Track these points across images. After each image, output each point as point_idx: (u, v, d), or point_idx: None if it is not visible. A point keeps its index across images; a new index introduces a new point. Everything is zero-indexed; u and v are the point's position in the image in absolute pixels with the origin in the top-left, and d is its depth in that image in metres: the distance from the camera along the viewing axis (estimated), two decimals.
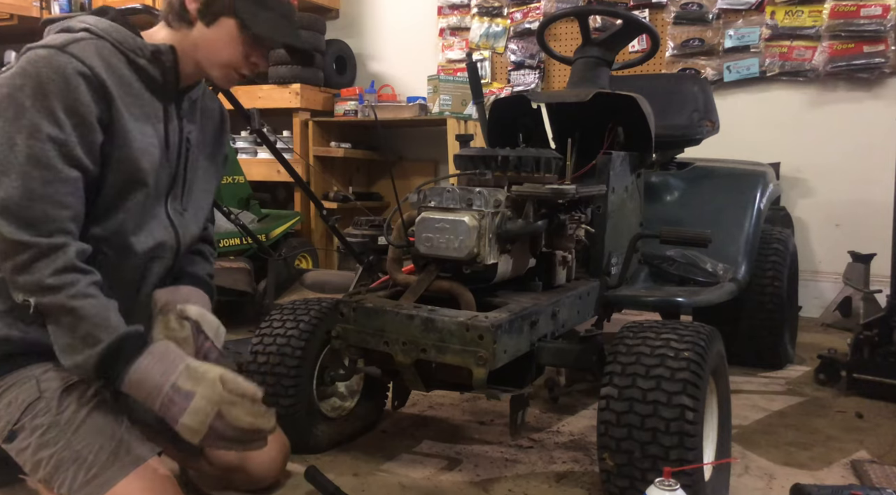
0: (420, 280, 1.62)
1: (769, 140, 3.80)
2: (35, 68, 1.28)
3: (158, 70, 1.44)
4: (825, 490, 1.59)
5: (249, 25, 1.44)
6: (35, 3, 5.38)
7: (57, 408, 1.34)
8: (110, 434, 1.35)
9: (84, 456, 1.31)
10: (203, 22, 1.45)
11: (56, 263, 1.26)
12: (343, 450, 1.93)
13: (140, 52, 1.41)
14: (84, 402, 1.36)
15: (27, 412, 1.34)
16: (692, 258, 2.24)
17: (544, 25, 2.45)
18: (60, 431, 1.33)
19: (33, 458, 1.33)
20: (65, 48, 1.30)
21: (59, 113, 1.27)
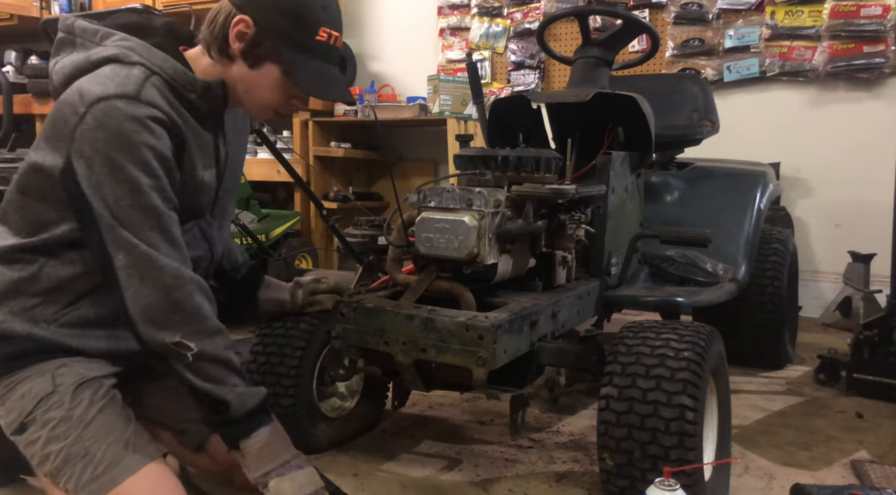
0: (420, 280, 1.62)
1: (769, 140, 3.80)
2: (117, 122, 1.28)
3: (207, 105, 1.43)
4: (825, 490, 1.59)
5: (293, 75, 1.42)
6: (35, 3, 5.39)
7: (70, 403, 1.35)
8: (120, 432, 1.37)
9: (93, 452, 1.33)
10: (246, 63, 1.43)
11: (211, 304, 1.36)
12: (343, 450, 1.93)
13: (191, 88, 1.40)
14: (97, 399, 1.38)
15: (40, 405, 1.35)
16: (692, 258, 2.24)
17: (544, 25, 2.45)
18: (71, 426, 1.34)
19: (42, 451, 1.34)
20: (139, 97, 1.31)
21: (151, 162, 1.30)
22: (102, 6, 5.18)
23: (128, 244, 1.29)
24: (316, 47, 1.42)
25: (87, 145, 1.28)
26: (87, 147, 1.28)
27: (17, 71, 5.38)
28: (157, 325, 1.31)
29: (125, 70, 1.34)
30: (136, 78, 1.33)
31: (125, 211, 1.29)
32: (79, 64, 1.37)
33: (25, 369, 1.38)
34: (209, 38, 1.44)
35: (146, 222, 1.30)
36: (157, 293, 1.30)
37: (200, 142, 1.44)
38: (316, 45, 1.42)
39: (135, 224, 1.29)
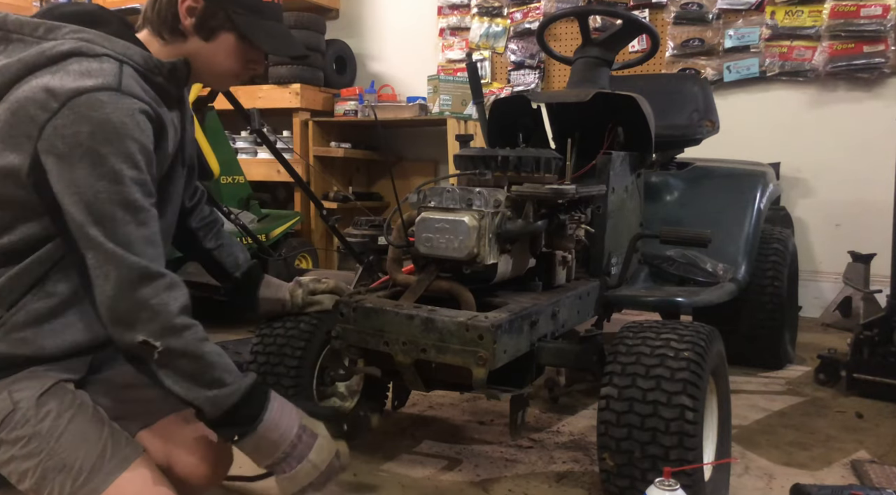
0: (420, 280, 1.62)
1: (769, 140, 3.80)
2: (103, 114, 1.24)
3: (174, 85, 1.42)
4: (825, 490, 1.59)
5: (250, 38, 1.42)
6: (35, 4, 5.39)
7: (35, 418, 1.30)
8: (95, 438, 1.32)
9: (70, 463, 1.29)
10: (200, 36, 1.42)
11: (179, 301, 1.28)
12: None
13: (158, 71, 1.38)
14: (64, 409, 1.33)
15: (3, 425, 1.30)
16: (692, 258, 2.24)
17: (544, 25, 2.45)
18: (42, 440, 1.30)
19: (18, 470, 1.31)
20: (121, 88, 1.27)
21: (136, 155, 1.26)
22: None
23: (96, 243, 1.24)
24: (264, 8, 1.44)
25: (61, 141, 1.23)
26: (61, 143, 1.23)
27: None
28: (123, 325, 1.26)
29: (94, 63, 1.29)
30: (110, 70, 1.29)
31: (103, 205, 1.23)
32: (30, 61, 1.29)
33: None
34: (156, 20, 1.43)
35: (123, 218, 1.25)
36: (121, 292, 1.25)
37: (172, 125, 1.42)
38: (263, 5, 1.44)
39: (110, 219, 1.24)
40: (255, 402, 1.34)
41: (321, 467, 1.39)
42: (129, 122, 1.26)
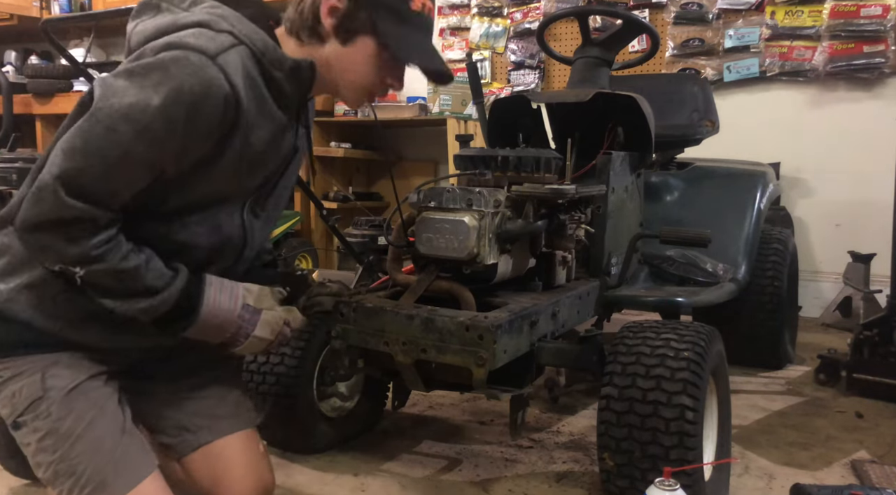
0: (420, 280, 1.62)
1: (769, 140, 3.80)
2: (180, 72, 1.18)
3: (293, 86, 1.34)
4: (825, 490, 1.59)
5: (391, 46, 1.34)
6: (35, 3, 5.39)
7: (57, 414, 1.30)
8: (108, 451, 1.31)
9: (79, 473, 1.28)
10: (338, 40, 1.35)
11: (104, 233, 1.21)
12: (343, 450, 1.93)
13: (278, 65, 1.31)
14: (86, 410, 1.32)
15: (30, 409, 1.31)
16: (692, 258, 2.24)
17: (544, 25, 2.45)
18: (59, 440, 1.29)
19: (33, 459, 1.32)
20: (217, 59, 1.21)
21: (178, 125, 1.19)
22: (102, 6, 5.18)
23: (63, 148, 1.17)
24: (411, 17, 1.35)
25: (131, 65, 1.19)
26: (129, 66, 1.19)
27: (17, 71, 5.38)
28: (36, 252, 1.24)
29: (212, 34, 1.25)
30: (220, 42, 1.23)
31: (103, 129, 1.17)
32: (163, 27, 1.27)
33: (18, 358, 1.31)
34: (297, 20, 1.36)
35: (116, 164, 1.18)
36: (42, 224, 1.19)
37: (271, 127, 1.34)
38: (411, 14, 1.34)
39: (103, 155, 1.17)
40: (192, 298, 1.31)
41: (269, 337, 1.41)
42: (198, 92, 1.19)
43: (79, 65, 3.19)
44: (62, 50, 3.07)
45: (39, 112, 5.16)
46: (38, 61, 5.36)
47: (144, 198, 1.26)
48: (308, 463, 1.87)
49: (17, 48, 5.58)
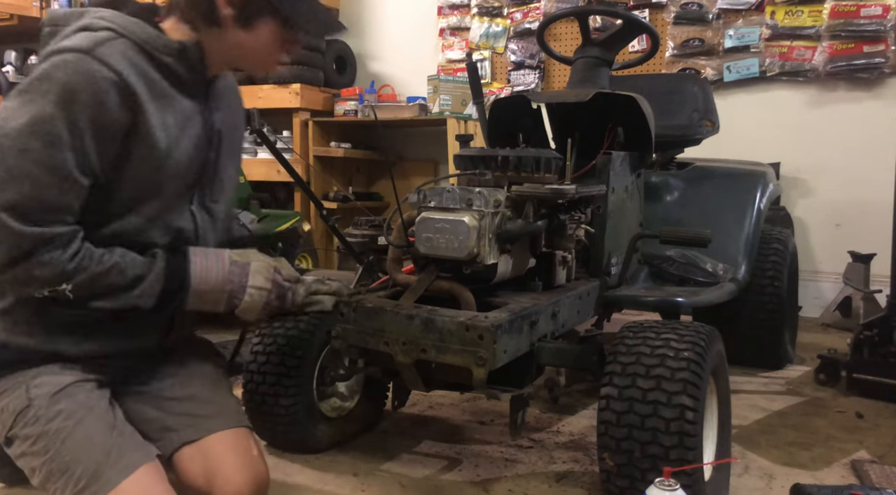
0: (420, 280, 1.62)
1: (769, 140, 3.80)
2: (63, 74, 1.22)
3: (184, 67, 1.37)
4: (825, 490, 1.59)
5: (294, 23, 1.39)
6: (35, 3, 5.39)
7: (46, 418, 1.31)
8: (100, 443, 1.32)
9: (72, 469, 1.29)
10: (239, 25, 1.38)
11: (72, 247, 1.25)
12: (343, 450, 1.93)
13: (165, 50, 1.34)
14: (74, 410, 1.33)
15: (18, 420, 1.32)
16: (692, 258, 2.24)
17: (544, 25, 2.45)
18: (49, 441, 1.30)
19: (27, 466, 1.33)
20: (93, 52, 1.24)
21: (81, 123, 1.23)
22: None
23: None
24: None
25: (28, 92, 1.23)
26: (27, 93, 1.23)
27: (17, 71, 5.39)
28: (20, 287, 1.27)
29: (91, 33, 1.29)
30: (96, 38, 1.27)
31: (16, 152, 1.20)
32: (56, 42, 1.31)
33: (3, 379, 1.34)
34: (188, 10, 1.38)
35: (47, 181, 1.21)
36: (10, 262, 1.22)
37: (174, 113, 1.37)
38: None
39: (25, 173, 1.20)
40: (179, 270, 1.36)
41: (266, 286, 1.43)
42: (86, 86, 1.23)
43: None
44: None
45: None
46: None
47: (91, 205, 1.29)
48: (308, 463, 1.87)
49: (17, 48, 5.58)
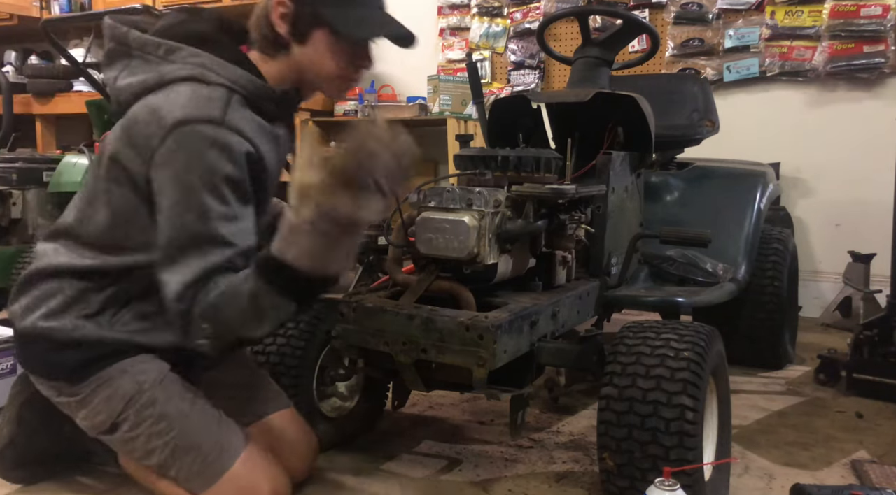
0: (420, 280, 1.62)
1: (769, 140, 3.80)
2: (202, 147, 1.29)
3: (284, 110, 1.47)
4: (825, 490, 1.59)
5: (342, 30, 1.42)
6: (35, 3, 5.39)
7: (162, 400, 1.42)
8: (216, 420, 1.46)
9: (198, 444, 1.41)
10: (297, 42, 1.43)
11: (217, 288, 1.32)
12: (343, 450, 1.93)
13: (269, 98, 1.43)
14: (184, 391, 1.46)
15: (130, 405, 1.41)
16: (692, 258, 2.24)
17: (544, 25, 2.45)
18: (173, 420, 1.42)
19: (145, 447, 1.42)
20: (225, 123, 1.31)
21: (226, 191, 1.31)
22: (103, 6, 5.17)
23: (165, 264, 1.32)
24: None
25: (162, 169, 1.31)
26: (162, 171, 1.31)
27: (17, 71, 5.38)
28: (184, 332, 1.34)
29: (206, 90, 1.34)
30: (218, 100, 1.33)
31: (186, 237, 1.30)
32: (150, 83, 1.37)
33: (101, 372, 1.42)
34: (261, 41, 1.45)
35: (200, 250, 1.30)
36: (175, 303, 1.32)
37: (273, 143, 1.46)
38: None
39: (187, 250, 1.30)
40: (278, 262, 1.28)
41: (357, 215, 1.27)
42: (223, 158, 1.30)
43: (79, 65, 3.20)
44: (62, 50, 3.08)
45: (39, 112, 5.15)
46: (38, 61, 5.35)
47: None
48: None
49: (17, 48, 5.57)
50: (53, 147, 4.95)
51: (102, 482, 1.72)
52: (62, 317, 1.43)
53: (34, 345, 1.46)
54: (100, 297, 1.44)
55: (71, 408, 1.48)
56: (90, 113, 3.68)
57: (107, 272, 1.44)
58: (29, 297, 1.47)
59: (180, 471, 1.42)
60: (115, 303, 1.45)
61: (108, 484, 1.70)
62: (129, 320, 1.45)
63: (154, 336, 1.47)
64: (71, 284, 1.44)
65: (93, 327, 1.43)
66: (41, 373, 1.49)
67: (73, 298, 1.44)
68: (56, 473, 1.73)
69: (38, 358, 1.48)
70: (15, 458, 1.64)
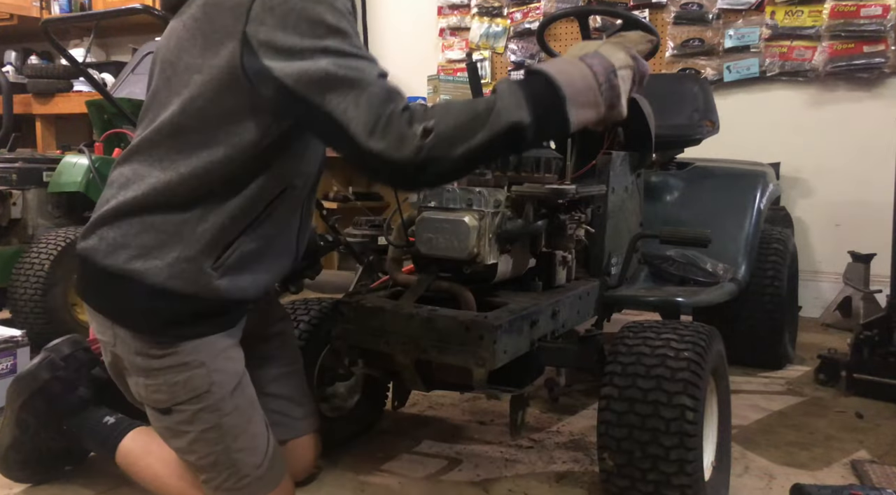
0: (420, 280, 1.62)
1: (769, 140, 3.80)
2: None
3: None
4: (825, 490, 1.59)
5: None
6: (35, 3, 5.39)
7: (223, 411, 1.39)
8: (263, 446, 1.44)
9: (239, 465, 1.40)
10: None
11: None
12: (343, 450, 1.93)
13: None
14: (247, 406, 1.43)
15: (194, 401, 1.38)
16: (692, 258, 2.24)
17: (544, 25, 2.45)
18: (224, 434, 1.39)
19: (189, 445, 1.40)
20: None
21: (347, 14, 1.27)
22: (102, 6, 5.18)
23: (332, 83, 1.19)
24: None
25: (270, 15, 1.21)
26: (271, 16, 1.21)
27: (17, 71, 5.38)
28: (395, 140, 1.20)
29: None
30: None
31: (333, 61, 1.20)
32: None
33: (186, 344, 1.35)
34: None
35: (357, 64, 1.22)
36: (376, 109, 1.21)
37: None
38: None
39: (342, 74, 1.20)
40: (537, 76, 1.23)
41: (629, 62, 1.35)
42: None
43: (79, 65, 3.20)
44: (62, 50, 3.08)
45: (39, 112, 5.15)
46: (38, 61, 5.36)
47: None
48: None
49: (17, 48, 5.58)
50: (53, 147, 4.95)
51: (102, 482, 1.72)
52: (158, 257, 1.31)
53: (123, 288, 1.33)
54: (196, 235, 1.32)
55: (134, 370, 1.39)
56: (90, 113, 3.68)
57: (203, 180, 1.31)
58: (115, 230, 1.34)
59: (212, 480, 1.41)
60: (214, 245, 1.34)
61: (108, 484, 1.71)
62: (228, 266, 1.36)
63: (248, 283, 1.40)
64: (165, 218, 1.32)
65: (192, 274, 1.32)
66: (128, 323, 1.36)
67: (170, 235, 1.32)
68: (59, 473, 1.74)
69: (127, 303, 1.34)
70: (19, 459, 1.64)
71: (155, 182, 1.33)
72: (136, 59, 4.07)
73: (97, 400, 1.67)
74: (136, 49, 4.16)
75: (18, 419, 1.61)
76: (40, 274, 2.69)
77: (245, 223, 1.37)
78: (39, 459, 1.67)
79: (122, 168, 1.40)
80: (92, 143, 3.44)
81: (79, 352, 1.68)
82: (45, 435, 1.64)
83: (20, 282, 2.71)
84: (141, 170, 1.35)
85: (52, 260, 2.72)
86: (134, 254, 1.32)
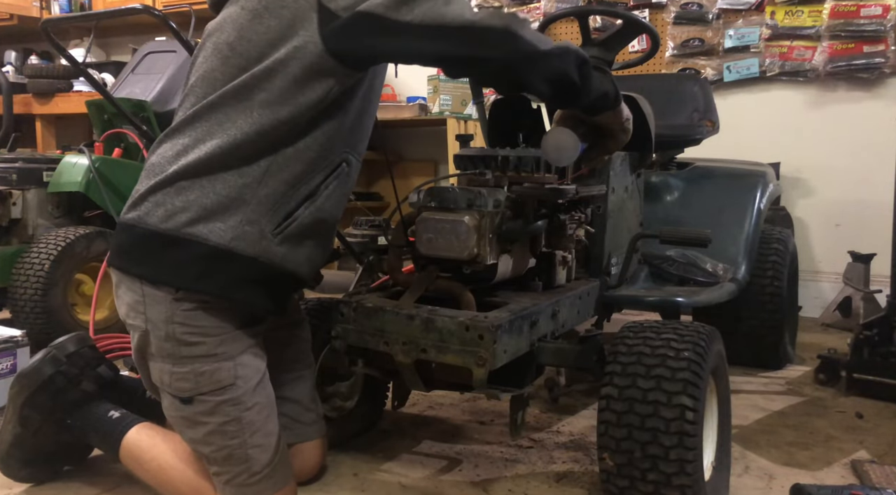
0: (420, 280, 1.62)
1: (769, 140, 3.80)
2: None
3: None
4: (825, 490, 1.59)
5: None
6: (35, 3, 5.40)
7: (244, 406, 1.41)
8: (275, 445, 1.46)
9: (252, 461, 1.41)
10: None
11: None
12: (343, 450, 1.93)
13: None
14: (266, 403, 1.45)
15: (217, 393, 1.39)
16: (692, 258, 2.24)
17: (544, 25, 2.45)
18: (241, 429, 1.40)
19: (205, 437, 1.41)
20: None
21: None
22: (102, 6, 5.18)
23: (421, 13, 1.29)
24: None
25: None
26: None
27: (17, 71, 5.38)
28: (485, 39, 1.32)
29: None
30: None
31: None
32: None
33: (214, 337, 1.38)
34: None
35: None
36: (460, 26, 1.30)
37: None
38: None
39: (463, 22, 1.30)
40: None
41: None
42: None
43: (79, 65, 3.19)
44: (62, 50, 3.07)
45: (39, 112, 5.15)
46: (38, 61, 5.36)
47: None
48: None
49: (17, 48, 5.58)
50: (53, 147, 4.95)
51: (103, 481, 1.72)
52: (220, 220, 1.34)
53: (180, 251, 1.34)
54: (260, 197, 1.36)
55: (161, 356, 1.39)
56: (90, 113, 3.68)
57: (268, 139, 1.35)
58: (172, 196, 1.35)
59: (224, 474, 1.42)
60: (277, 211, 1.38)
61: (108, 484, 1.71)
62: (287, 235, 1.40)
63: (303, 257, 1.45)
64: (227, 182, 1.35)
65: (254, 236, 1.36)
66: (181, 283, 1.36)
67: (232, 199, 1.35)
68: (61, 472, 1.74)
69: (183, 266, 1.34)
70: (21, 458, 1.64)
71: (220, 141, 1.36)
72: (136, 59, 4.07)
73: (101, 395, 1.67)
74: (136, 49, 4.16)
75: (21, 415, 1.61)
76: (40, 274, 2.69)
77: (304, 194, 1.42)
78: (41, 458, 1.67)
79: (173, 140, 1.42)
80: (92, 143, 3.44)
81: (84, 349, 1.69)
82: (48, 432, 1.63)
83: (20, 282, 2.71)
84: (201, 135, 1.38)
85: (52, 260, 2.72)
86: (194, 217, 1.34)
